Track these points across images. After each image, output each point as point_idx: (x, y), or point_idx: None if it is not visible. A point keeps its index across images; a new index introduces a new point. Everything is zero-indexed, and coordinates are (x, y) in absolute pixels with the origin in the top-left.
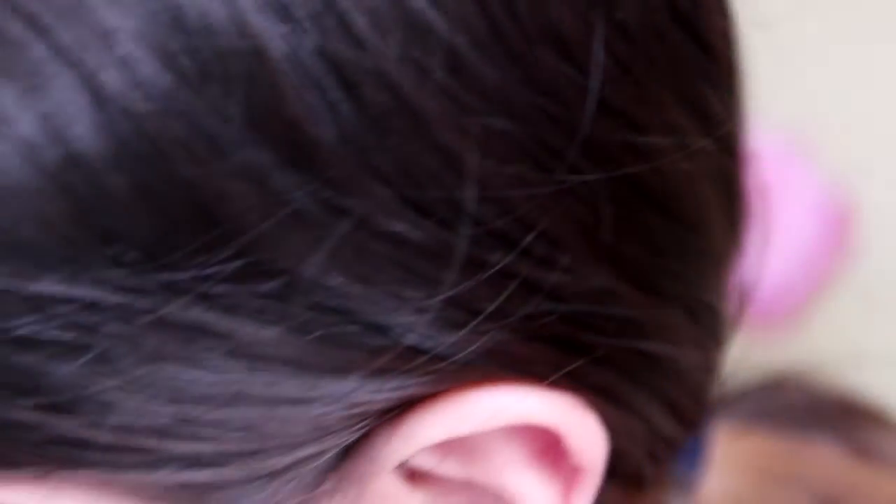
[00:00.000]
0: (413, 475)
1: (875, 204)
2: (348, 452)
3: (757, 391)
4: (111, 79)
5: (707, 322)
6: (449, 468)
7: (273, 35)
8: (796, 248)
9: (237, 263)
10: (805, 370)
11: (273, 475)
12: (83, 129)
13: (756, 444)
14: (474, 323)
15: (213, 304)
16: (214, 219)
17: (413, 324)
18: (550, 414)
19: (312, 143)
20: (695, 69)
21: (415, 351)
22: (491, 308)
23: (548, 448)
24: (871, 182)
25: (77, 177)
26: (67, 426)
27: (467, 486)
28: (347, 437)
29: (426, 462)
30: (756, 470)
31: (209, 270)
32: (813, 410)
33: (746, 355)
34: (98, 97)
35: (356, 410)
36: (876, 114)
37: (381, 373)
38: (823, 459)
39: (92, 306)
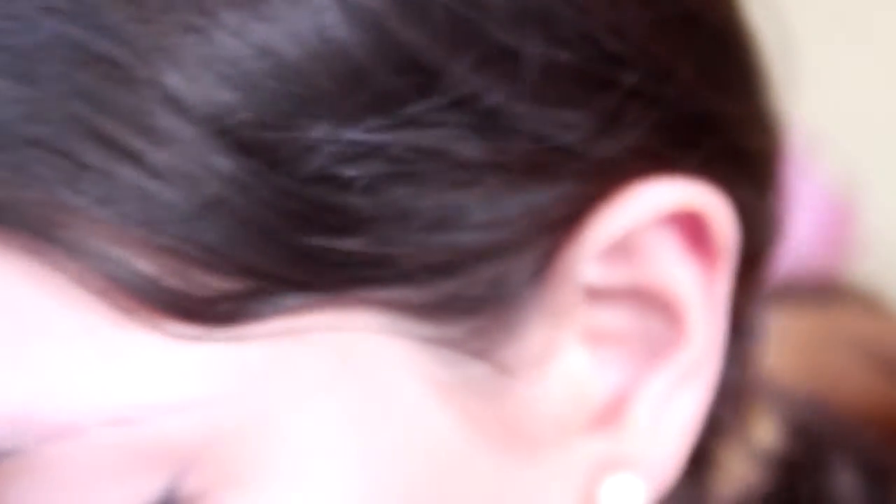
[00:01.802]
0: (588, 294)
1: (876, 204)
2: (541, 270)
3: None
4: None
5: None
6: (616, 276)
7: None
8: (796, 248)
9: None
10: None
11: (492, 284)
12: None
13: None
14: (626, 130)
15: (449, 132)
16: (437, 75)
17: (578, 135)
18: (699, 197)
19: None
20: None
21: (584, 158)
22: (636, 117)
23: (694, 237)
24: (872, 182)
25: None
26: (356, 246)
27: (633, 295)
28: (540, 248)
29: (598, 276)
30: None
31: (445, 101)
32: None
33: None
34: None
35: (552, 211)
36: (877, 114)
37: (562, 177)
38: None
39: (370, 146)
